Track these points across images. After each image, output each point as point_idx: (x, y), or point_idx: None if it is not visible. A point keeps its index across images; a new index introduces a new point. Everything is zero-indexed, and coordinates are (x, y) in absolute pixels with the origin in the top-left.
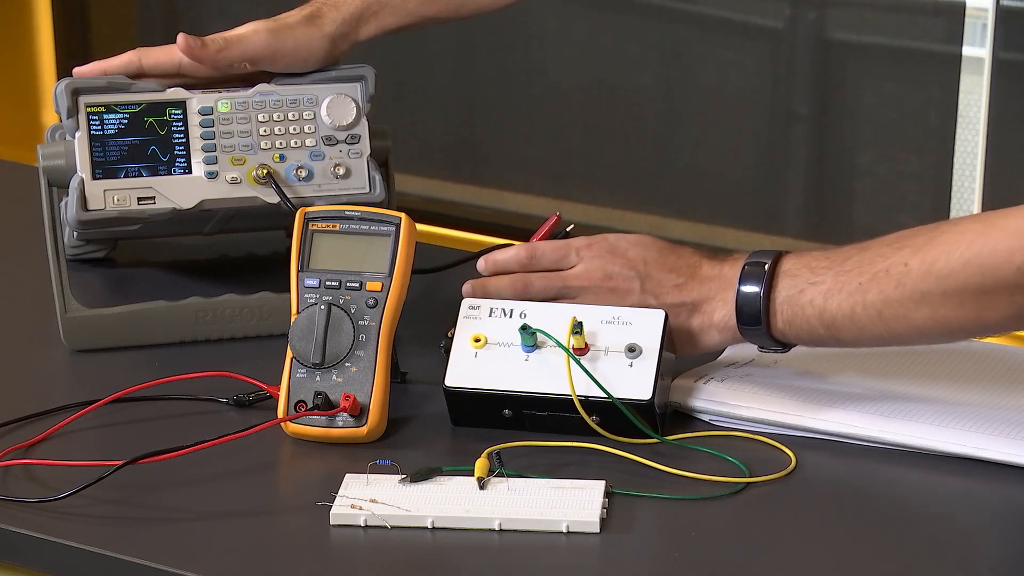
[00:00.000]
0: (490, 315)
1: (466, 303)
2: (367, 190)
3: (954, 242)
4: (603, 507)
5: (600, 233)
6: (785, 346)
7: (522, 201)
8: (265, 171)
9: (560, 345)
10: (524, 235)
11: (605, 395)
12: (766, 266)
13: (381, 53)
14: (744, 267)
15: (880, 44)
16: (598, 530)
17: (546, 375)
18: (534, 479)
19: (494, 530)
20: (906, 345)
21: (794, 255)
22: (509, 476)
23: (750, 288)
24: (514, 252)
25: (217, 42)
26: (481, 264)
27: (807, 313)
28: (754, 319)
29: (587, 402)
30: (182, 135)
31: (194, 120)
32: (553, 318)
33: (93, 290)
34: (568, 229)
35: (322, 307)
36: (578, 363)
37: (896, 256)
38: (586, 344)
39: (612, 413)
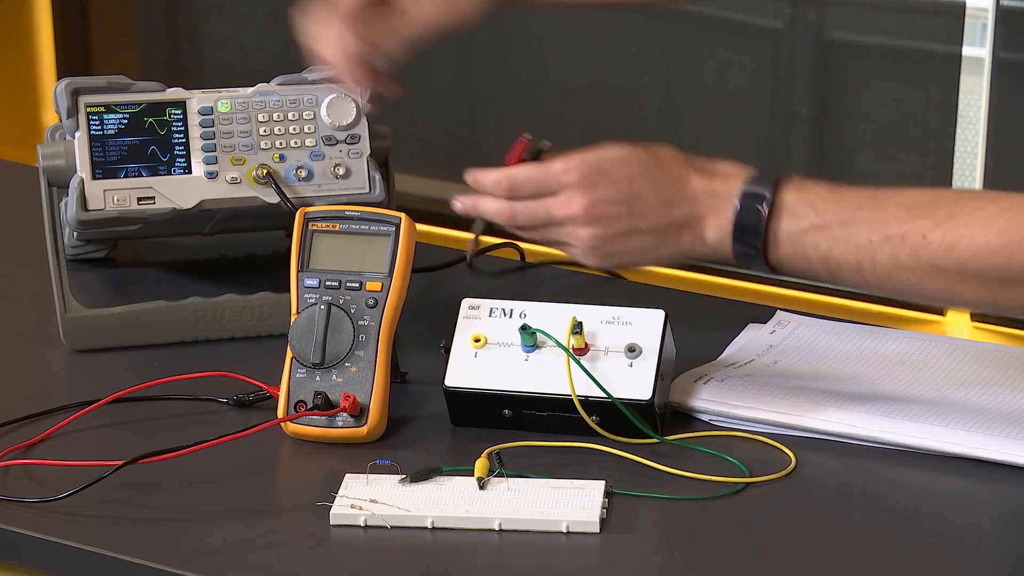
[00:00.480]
0: (490, 315)
1: (466, 303)
2: (367, 190)
3: (980, 226)
4: (603, 507)
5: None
6: (774, 271)
7: None
8: (265, 171)
9: (560, 345)
10: None
11: (605, 395)
12: (766, 198)
13: None
14: (743, 195)
15: (880, 44)
16: (598, 530)
17: (546, 375)
18: (534, 479)
19: (494, 530)
20: (907, 300)
21: (794, 187)
22: (509, 476)
23: (749, 219)
24: (494, 181)
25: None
26: (464, 198)
27: (809, 254)
28: (752, 250)
29: (587, 402)
30: (182, 135)
31: (194, 120)
32: (553, 318)
33: (93, 290)
34: (546, 148)
35: (322, 307)
36: (578, 363)
37: (914, 224)
38: (586, 344)
39: (612, 413)
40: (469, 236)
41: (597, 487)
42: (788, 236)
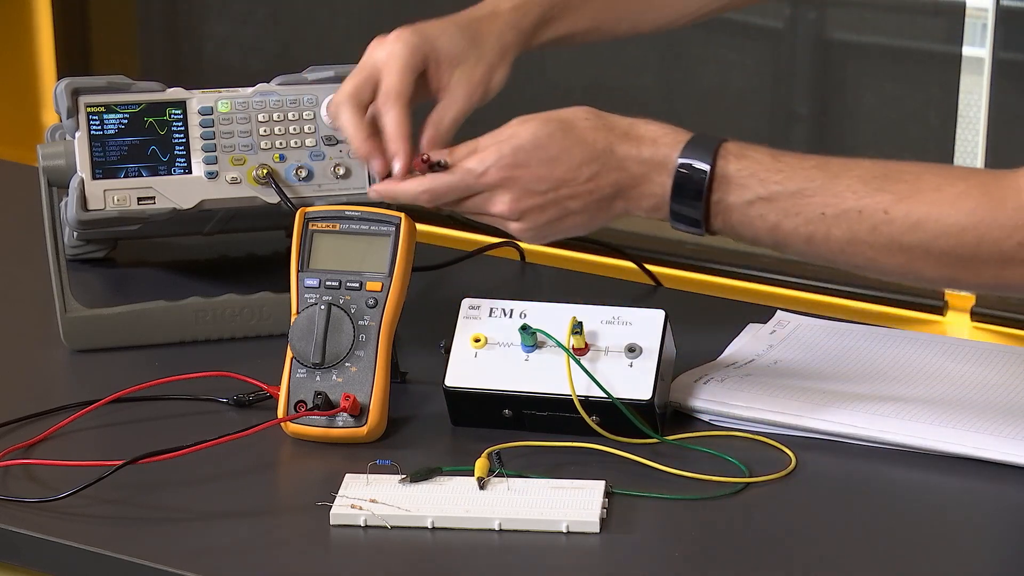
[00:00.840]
0: (490, 315)
1: (466, 303)
2: (367, 190)
3: (949, 203)
4: (603, 507)
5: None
6: (713, 236)
7: None
8: (265, 171)
9: (560, 345)
10: None
11: (605, 395)
12: (704, 171)
13: None
14: (679, 166)
15: (880, 44)
16: (598, 530)
17: (546, 375)
18: (534, 479)
19: (494, 530)
20: (856, 273)
21: (734, 155)
22: (509, 476)
23: (688, 191)
24: (413, 195)
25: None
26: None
27: (755, 224)
28: (691, 220)
29: (587, 402)
30: (182, 135)
31: (194, 120)
32: (553, 318)
33: (93, 290)
34: (444, 164)
35: (322, 307)
36: (578, 363)
37: (873, 199)
38: (586, 344)
39: (612, 413)
40: (468, 238)
41: (597, 487)
42: (731, 207)
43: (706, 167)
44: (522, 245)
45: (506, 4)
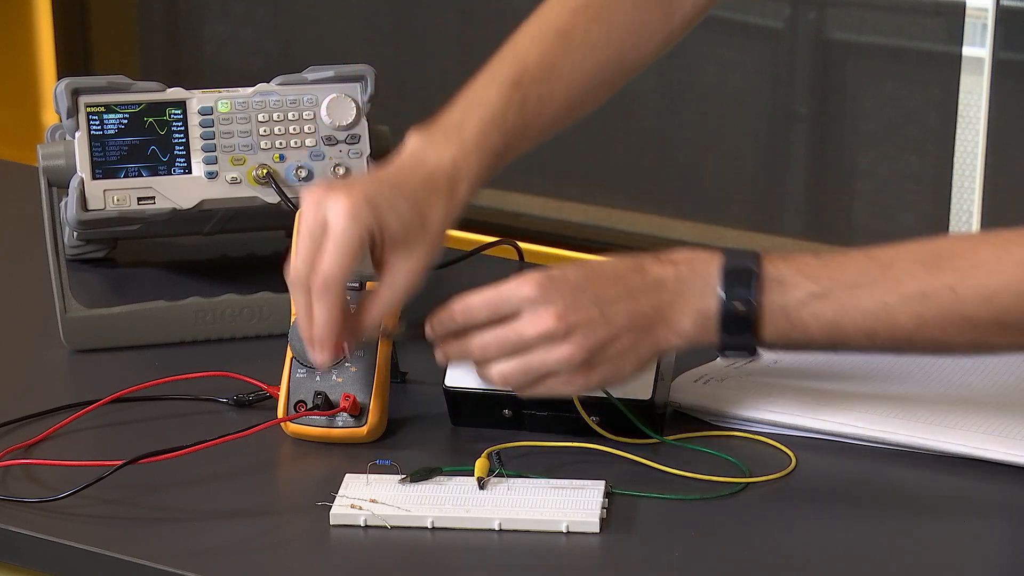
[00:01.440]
0: None
1: None
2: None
3: (1016, 271)
4: (603, 507)
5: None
6: (756, 353)
7: (522, 201)
8: (265, 171)
9: None
10: (524, 235)
11: (605, 395)
12: (753, 272)
13: (381, 53)
14: (725, 273)
15: (880, 44)
16: (598, 530)
17: None
18: (534, 479)
19: (494, 530)
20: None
21: (778, 258)
22: (509, 476)
23: (738, 298)
24: (448, 315)
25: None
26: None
27: (809, 326)
28: (742, 328)
29: (587, 402)
30: (182, 135)
31: (194, 120)
32: None
33: (93, 290)
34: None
35: None
36: None
37: (934, 279)
38: None
39: (612, 413)
40: (468, 238)
41: (597, 487)
42: (783, 309)
43: (753, 268)
44: (521, 245)
45: (470, 143)
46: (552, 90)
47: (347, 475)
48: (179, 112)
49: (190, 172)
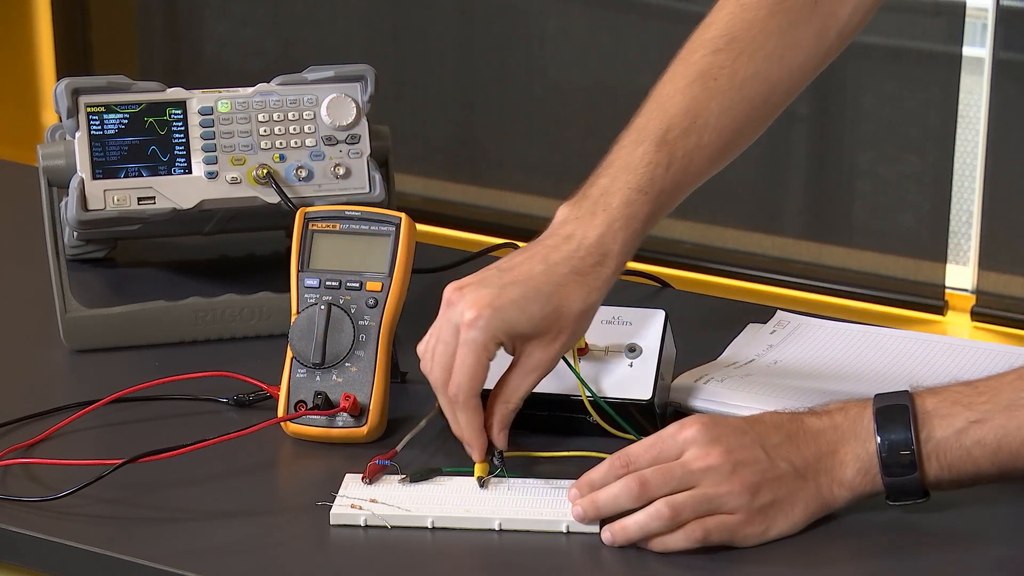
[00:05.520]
0: None
1: None
2: (367, 190)
3: None
4: None
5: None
6: (927, 495)
7: (522, 201)
8: (265, 171)
9: None
10: (524, 235)
11: (591, 395)
12: (907, 407)
13: (381, 53)
14: (877, 413)
15: (880, 44)
16: (598, 530)
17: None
18: (534, 479)
19: (494, 530)
20: None
21: (928, 393)
22: (509, 476)
23: (896, 435)
24: (608, 464)
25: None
26: (574, 492)
27: (974, 455)
28: (906, 469)
29: (589, 402)
30: (182, 135)
31: (194, 120)
32: None
33: (93, 290)
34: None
35: (322, 307)
36: (568, 364)
37: None
38: (586, 344)
39: (613, 413)
40: (468, 238)
41: None
42: (944, 442)
43: (906, 403)
44: (521, 245)
45: (617, 216)
46: (700, 140)
47: (347, 475)
48: (179, 112)
49: (190, 172)
